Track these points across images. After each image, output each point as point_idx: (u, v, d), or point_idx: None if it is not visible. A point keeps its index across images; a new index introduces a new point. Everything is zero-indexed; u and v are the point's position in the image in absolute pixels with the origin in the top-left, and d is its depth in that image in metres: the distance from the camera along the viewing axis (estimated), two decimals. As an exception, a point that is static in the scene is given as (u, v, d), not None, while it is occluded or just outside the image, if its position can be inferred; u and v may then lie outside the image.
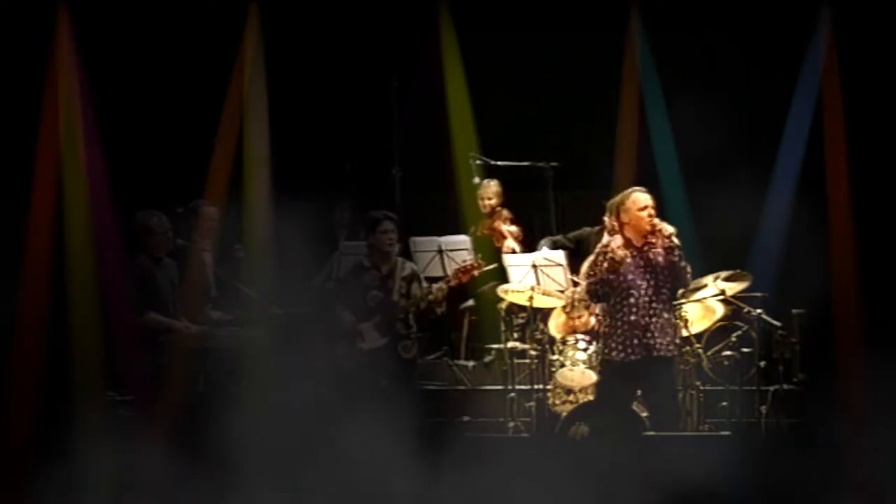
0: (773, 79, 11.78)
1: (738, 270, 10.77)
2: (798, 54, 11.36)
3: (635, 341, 9.68)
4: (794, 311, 10.83)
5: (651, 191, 9.82)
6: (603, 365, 10.02)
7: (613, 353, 9.76)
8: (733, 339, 10.81)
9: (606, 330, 9.83)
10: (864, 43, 11.07)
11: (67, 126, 11.12)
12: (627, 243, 9.77)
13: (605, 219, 11.29)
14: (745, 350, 10.70)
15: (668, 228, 9.75)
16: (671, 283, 9.78)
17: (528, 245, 11.86)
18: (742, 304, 10.76)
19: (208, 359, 10.43)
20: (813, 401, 10.53)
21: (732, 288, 10.72)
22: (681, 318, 10.48)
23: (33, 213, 11.03)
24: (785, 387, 10.70)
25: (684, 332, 10.53)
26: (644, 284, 9.70)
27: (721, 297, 10.74)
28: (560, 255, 11.11)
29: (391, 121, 12.30)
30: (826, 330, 10.85)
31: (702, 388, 10.71)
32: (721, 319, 10.85)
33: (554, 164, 11.85)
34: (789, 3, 11.36)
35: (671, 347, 9.76)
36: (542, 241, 11.68)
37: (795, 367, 10.73)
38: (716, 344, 10.88)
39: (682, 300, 10.56)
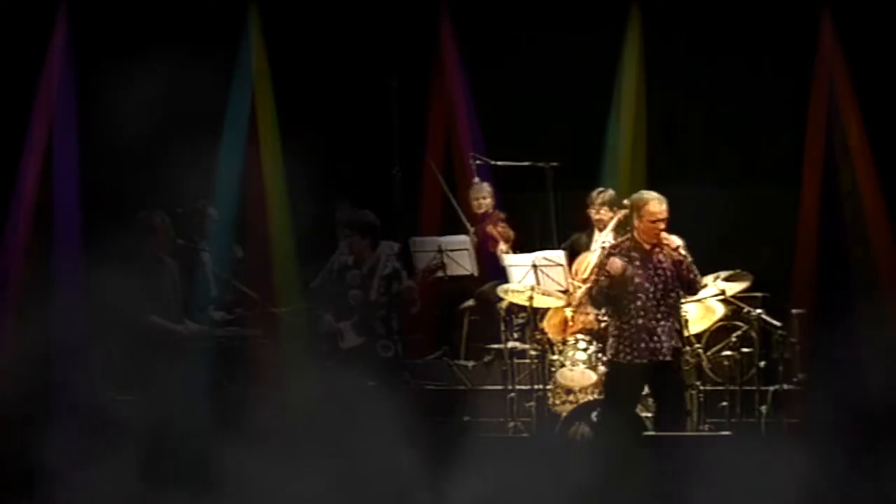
0: (775, 79, 11.81)
1: (738, 270, 10.78)
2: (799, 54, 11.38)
3: (642, 345, 9.69)
4: (794, 311, 10.84)
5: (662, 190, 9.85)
6: (609, 366, 10.04)
7: (621, 356, 9.78)
8: (733, 339, 10.81)
9: (615, 332, 9.84)
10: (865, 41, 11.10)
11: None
12: (638, 245, 9.78)
13: (590, 212, 11.36)
14: (745, 350, 10.72)
15: (675, 241, 9.77)
16: (679, 289, 9.81)
17: (522, 249, 11.84)
18: (742, 304, 10.77)
19: (208, 359, 10.43)
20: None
21: (732, 288, 10.73)
22: (681, 318, 10.51)
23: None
24: (785, 387, 10.70)
25: (684, 332, 10.55)
26: (652, 288, 9.71)
27: (721, 297, 10.74)
28: (560, 255, 11.11)
29: (391, 121, 12.29)
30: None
31: (702, 388, 10.72)
32: (721, 319, 10.85)
33: (554, 164, 11.85)
34: (790, 4, 11.38)
35: (675, 352, 9.77)
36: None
37: (795, 367, 10.74)
38: (716, 344, 10.88)
39: (682, 300, 10.59)
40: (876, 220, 11.13)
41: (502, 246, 11.74)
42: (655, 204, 9.73)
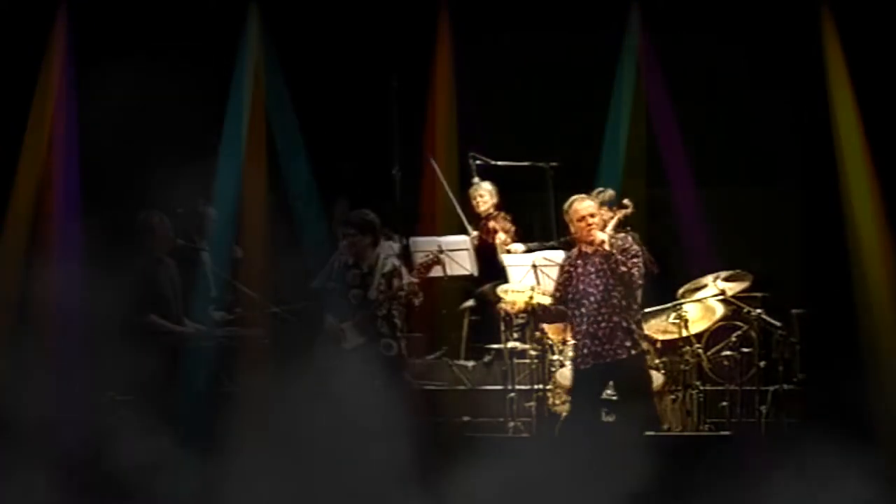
0: (775, 79, 11.81)
1: (738, 270, 10.78)
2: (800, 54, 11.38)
3: (585, 350, 9.73)
4: (794, 311, 10.84)
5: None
6: (572, 372, 10.12)
7: (577, 361, 9.85)
8: (733, 339, 10.82)
9: (573, 339, 9.95)
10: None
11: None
12: (580, 252, 9.84)
13: None
14: (745, 350, 10.72)
15: (599, 236, 9.71)
16: (620, 288, 9.75)
17: (522, 242, 11.85)
18: (742, 304, 10.77)
19: (208, 359, 10.43)
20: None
21: (732, 288, 10.73)
22: (681, 318, 10.52)
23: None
24: (785, 387, 10.70)
25: (684, 332, 10.57)
26: (594, 292, 9.73)
27: (721, 297, 10.74)
28: (560, 255, 11.09)
29: (391, 121, 12.29)
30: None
31: (702, 388, 10.72)
32: (721, 319, 10.86)
33: (554, 164, 11.85)
34: (790, 4, 11.38)
35: (620, 351, 9.71)
36: (517, 245, 11.71)
37: (795, 367, 10.74)
38: (716, 344, 10.88)
39: (682, 300, 10.60)
40: (876, 220, 11.12)
41: (501, 235, 11.74)
42: (578, 202, 9.76)
